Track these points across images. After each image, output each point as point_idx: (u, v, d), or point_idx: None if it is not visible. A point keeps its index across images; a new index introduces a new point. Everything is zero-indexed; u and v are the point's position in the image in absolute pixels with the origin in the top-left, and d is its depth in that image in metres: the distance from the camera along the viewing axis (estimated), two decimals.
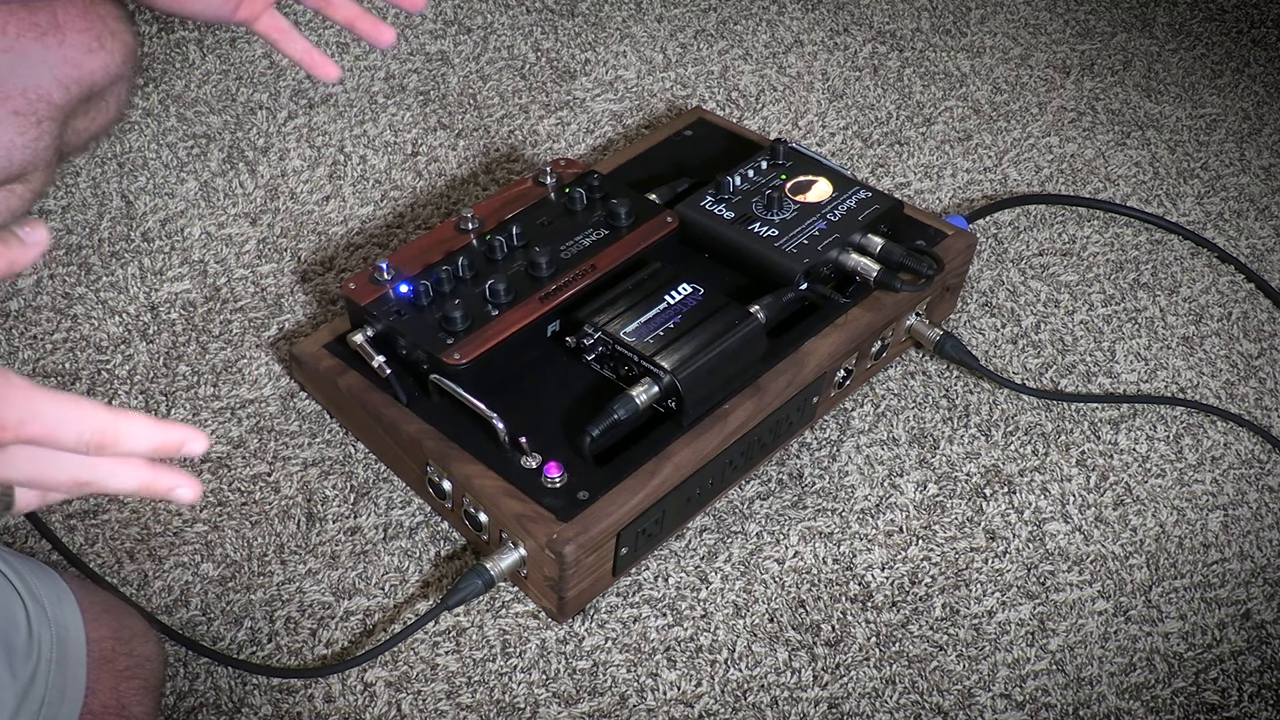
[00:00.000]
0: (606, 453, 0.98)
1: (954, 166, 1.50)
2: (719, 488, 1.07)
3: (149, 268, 1.23)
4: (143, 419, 0.52)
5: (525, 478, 0.96)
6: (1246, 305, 1.36)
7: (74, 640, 0.84)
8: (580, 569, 0.95)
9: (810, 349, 1.07)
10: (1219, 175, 1.54)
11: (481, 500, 0.97)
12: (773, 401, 1.04)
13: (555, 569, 0.94)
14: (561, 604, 0.97)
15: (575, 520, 0.93)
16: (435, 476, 1.00)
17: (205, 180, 1.32)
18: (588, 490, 0.95)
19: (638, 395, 0.98)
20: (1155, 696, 1.01)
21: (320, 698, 0.94)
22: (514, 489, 0.96)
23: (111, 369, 1.14)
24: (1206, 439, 1.21)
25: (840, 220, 1.13)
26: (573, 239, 1.11)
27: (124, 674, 0.87)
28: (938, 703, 0.99)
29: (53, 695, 0.79)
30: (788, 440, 1.13)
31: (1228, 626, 1.06)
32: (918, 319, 1.18)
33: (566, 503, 0.94)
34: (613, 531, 0.95)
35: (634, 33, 1.64)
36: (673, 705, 0.96)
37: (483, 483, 0.97)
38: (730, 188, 1.15)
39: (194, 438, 0.53)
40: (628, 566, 1.02)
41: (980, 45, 1.72)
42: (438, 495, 1.02)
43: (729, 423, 1.01)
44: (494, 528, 0.98)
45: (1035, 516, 1.13)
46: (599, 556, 0.96)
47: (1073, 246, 1.40)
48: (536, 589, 0.99)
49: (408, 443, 1.01)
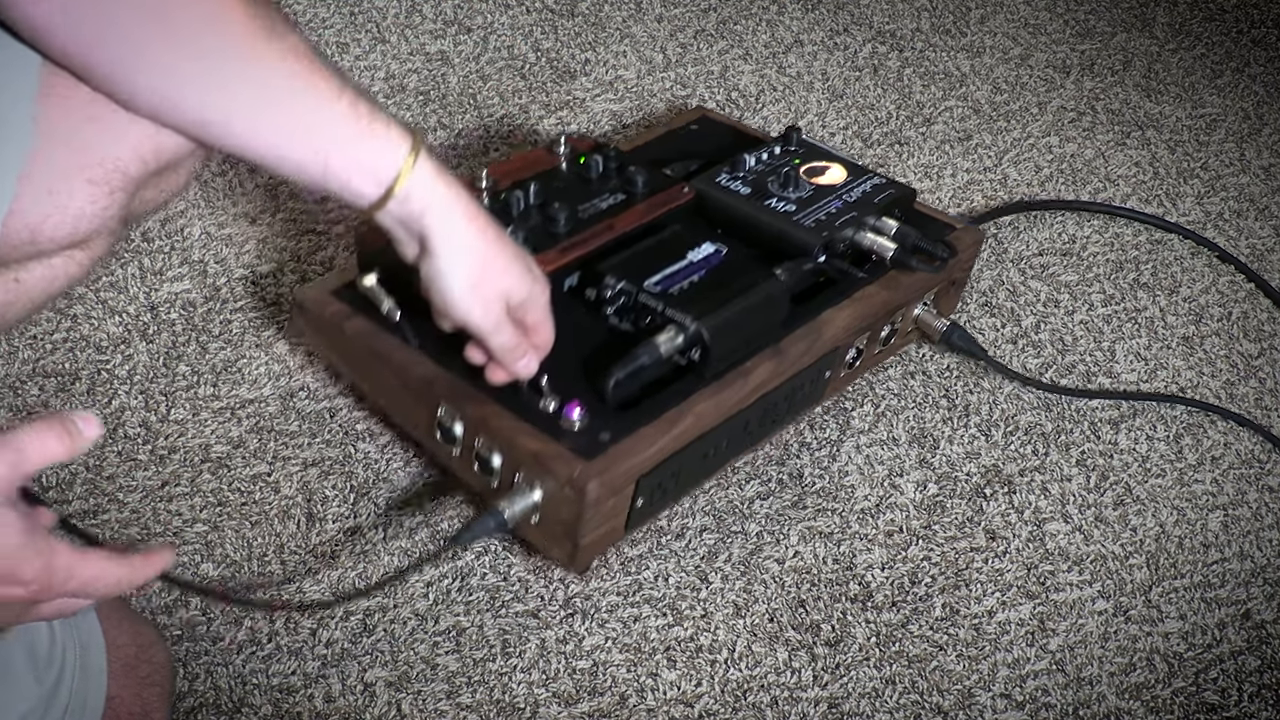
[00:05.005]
0: (626, 403, 0.96)
1: (954, 166, 1.50)
2: (733, 451, 1.05)
3: (149, 268, 1.23)
4: (154, 569, 0.68)
5: (544, 419, 0.93)
6: (1246, 305, 1.36)
7: (95, 647, 0.84)
8: (599, 513, 0.92)
9: (828, 318, 1.06)
10: (1219, 175, 1.54)
11: (497, 440, 0.94)
12: (792, 365, 1.03)
13: (574, 510, 0.91)
14: (575, 551, 0.94)
15: (598, 459, 0.90)
16: (446, 419, 0.97)
17: (205, 180, 1.32)
18: (609, 432, 0.93)
19: (662, 343, 0.96)
20: (1155, 696, 1.01)
21: (320, 698, 0.94)
22: (532, 429, 0.93)
23: (111, 369, 1.14)
24: (1206, 439, 1.21)
25: (856, 201, 1.13)
26: (589, 202, 1.10)
27: (145, 680, 0.88)
28: (938, 703, 0.99)
29: (76, 703, 0.79)
30: (799, 415, 1.12)
31: (1228, 626, 1.06)
32: (925, 309, 1.18)
33: (588, 443, 0.92)
34: (634, 475, 0.93)
35: (634, 33, 1.64)
36: (673, 705, 0.96)
37: (499, 422, 0.93)
38: (746, 166, 1.15)
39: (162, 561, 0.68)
40: (640, 522, 1.00)
41: (980, 45, 1.72)
42: (446, 441, 0.98)
43: (750, 380, 1.00)
44: (508, 471, 0.94)
45: (1035, 516, 1.13)
46: (617, 503, 0.94)
47: (1073, 246, 1.40)
48: (548, 537, 0.96)
49: (418, 385, 0.98)
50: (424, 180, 0.79)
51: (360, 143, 0.76)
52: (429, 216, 0.80)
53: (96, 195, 0.72)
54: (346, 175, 0.76)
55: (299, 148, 0.74)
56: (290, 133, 0.74)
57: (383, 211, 0.79)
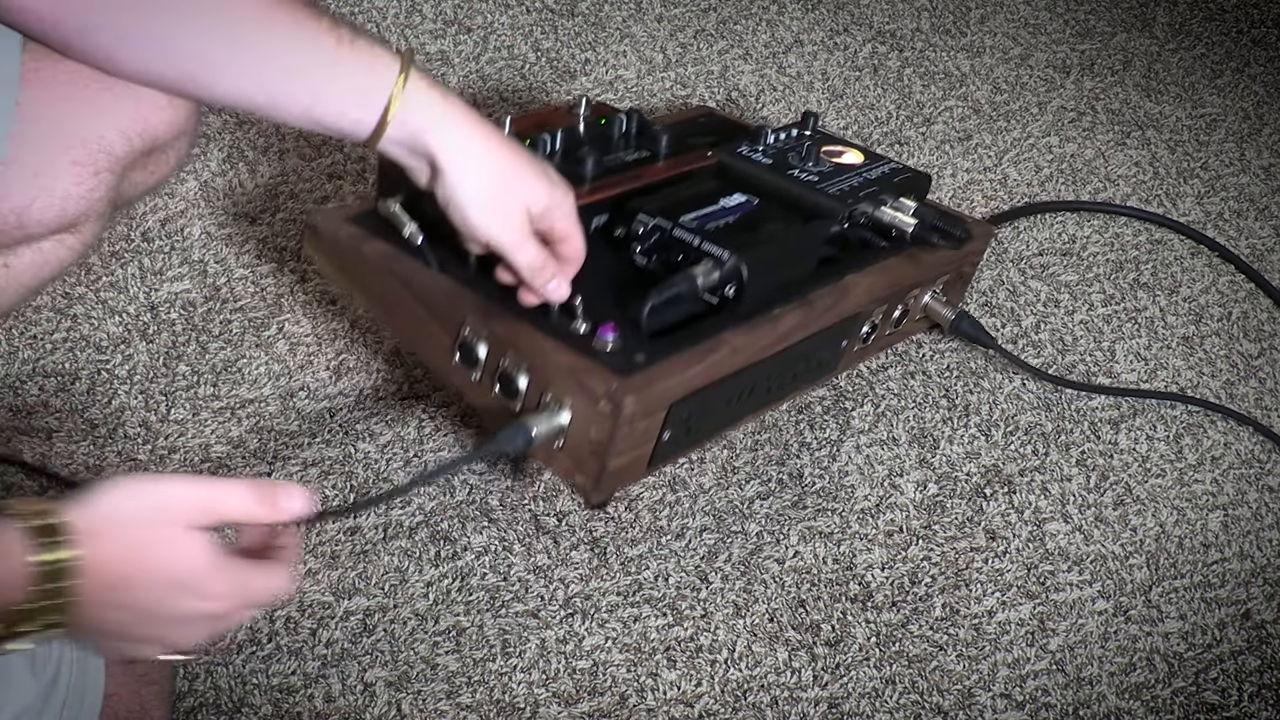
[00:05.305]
0: (659, 333, 0.94)
1: (954, 166, 1.50)
2: (754, 405, 1.04)
3: (149, 267, 1.23)
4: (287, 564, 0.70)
5: (577, 340, 0.90)
6: (1246, 305, 1.36)
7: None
8: (631, 434, 0.90)
9: (853, 282, 1.06)
10: (1219, 175, 1.54)
11: (527, 357, 0.91)
12: (818, 319, 1.02)
13: (606, 428, 0.88)
14: (600, 475, 0.91)
15: (635, 376, 0.88)
16: (471, 338, 0.94)
17: (205, 180, 1.32)
18: (644, 355, 0.91)
19: (699, 274, 0.95)
20: (1155, 696, 1.01)
21: (320, 698, 0.94)
22: (565, 347, 0.90)
23: (111, 369, 1.14)
24: (1206, 439, 1.21)
25: (875, 179, 1.13)
26: (615, 154, 1.09)
27: (143, 679, 0.87)
28: (938, 703, 0.99)
29: (73, 698, 0.79)
30: (814, 383, 1.11)
31: (1228, 626, 1.06)
32: (934, 297, 1.17)
33: (624, 362, 0.89)
34: (669, 398, 0.91)
35: (634, 33, 1.64)
36: (673, 705, 0.96)
37: (530, 339, 0.90)
38: (766, 140, 1.16)
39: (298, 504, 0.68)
40: (662, 459, 0.97)
41: (980, 45, 1.72)
42: (467, 364, 0.95)
43: (779, 326, 0.99)
44: (534, 391, 0.91)
45: (1035, 516, 1.13)
46: (648, 428, 0.92)
47: (1073, 246, 1.40)
48: (573, 460, 0.92)
49: (442, 304, 0.95)
50: (419, 99, 0.78)
51: (349, 72, 0.75)
52: (430, 134, 0.79)
53: (82, 176, 0.72)
54: (340, 107, 0.75)
55: (290, 87, 0.73)
56: (280, 72, 0.73)
57: (385, 140, 0.78)
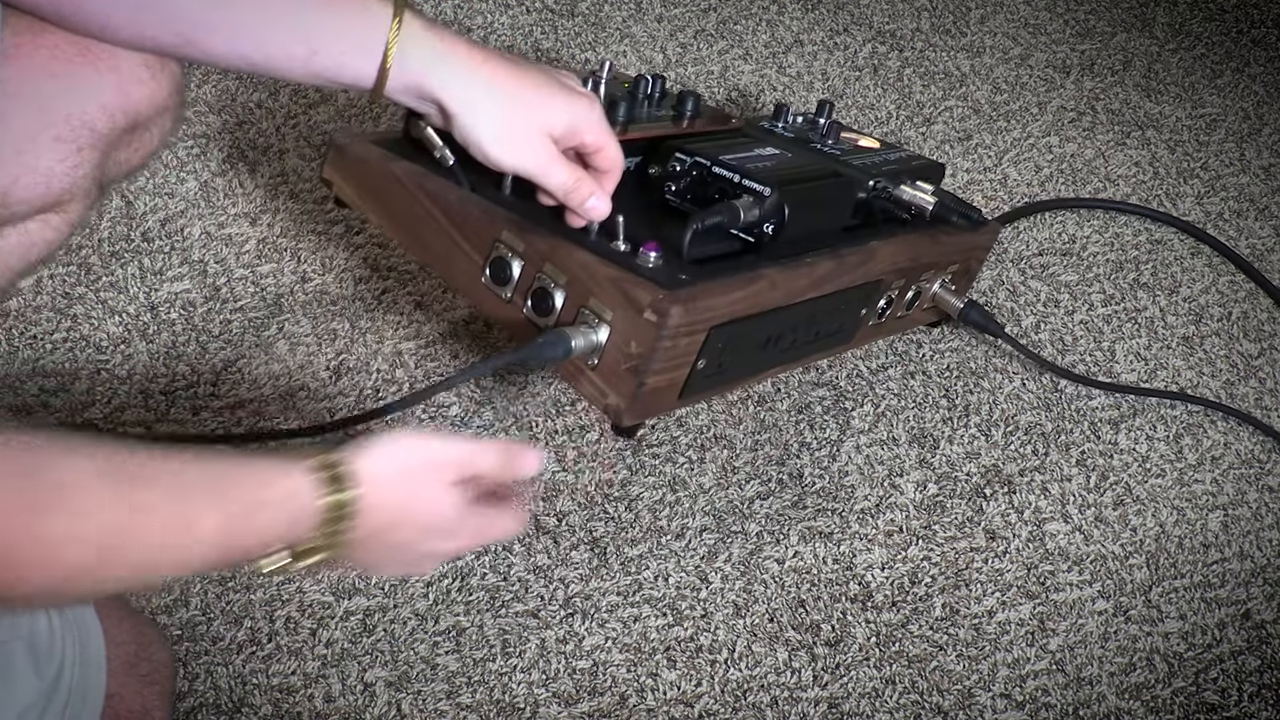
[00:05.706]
0: (698, 262, 0.93)
1: (954, 166, 1.50)
2: (781, 358, 1.04)
3: (149, 268, 1.23)
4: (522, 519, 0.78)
5: (619, 256, 0.89)
6: (1246, 305, 1.36)
7: (94, 641, 0.83)
8: (673, 350, 0.88)
9: (878, 247, 1.06)
10: (1219, 175, 1.54)
11: (568, 270, 0.89)
12: (847, 274, 1.02)
13: (649, 341, 0.86)
14: (636, 392, 0.89)
15: (681, 290, 0.87)
16: (505, 254, 0.92)
17: (205, 180, 1.32)
18: (687, 275, 0.89)
19: (742, 206, 0.94)
20: (1155, 696, 1.01)
21: (320, 698, 0.94)
22: (608, 261, 0.88)
23: (111, 369, 1.14)
24: (1206, 439, 1.21)
25: (894, 161, 1.13)
26: (643, 110, 1.09)
27: (146, 679, 0.87)
28: (938, 703, 0.99)
29: (75, 698, 0.79)
30: (832, 350, 1.12)
31: (1228, 626, 1.06)
32: (943, 287, 1.17)
33: (668, 277, 0.88)
34: (711, 319, 0.90)
35: (634, 33, 1.64)
36: (673, 705, 0.96)
37: (569, 253, 0.88)
38: (787, 115, 1.16)
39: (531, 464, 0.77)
40: (693, 393, 0.96)
41: (980, 45, 1.72)
42: (498, 281, 0.93)
43: (814, 271, 0.98)
44: (571, 307, 0.89)
45: (1035, 516, 1.13)
46: (688, 347, 0.90)
47: (1072, 246, 1.40)
48: (607, 380, 0.90)
49: (476, 220, 0.93)
50: (416, 42, 0.77)
51: (343, 23, 0.74)
52: (432, 76, 0.79)
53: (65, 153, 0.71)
54: (339, 59, 0.75)
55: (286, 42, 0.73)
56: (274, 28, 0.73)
57: (389, 88, 0.78)
